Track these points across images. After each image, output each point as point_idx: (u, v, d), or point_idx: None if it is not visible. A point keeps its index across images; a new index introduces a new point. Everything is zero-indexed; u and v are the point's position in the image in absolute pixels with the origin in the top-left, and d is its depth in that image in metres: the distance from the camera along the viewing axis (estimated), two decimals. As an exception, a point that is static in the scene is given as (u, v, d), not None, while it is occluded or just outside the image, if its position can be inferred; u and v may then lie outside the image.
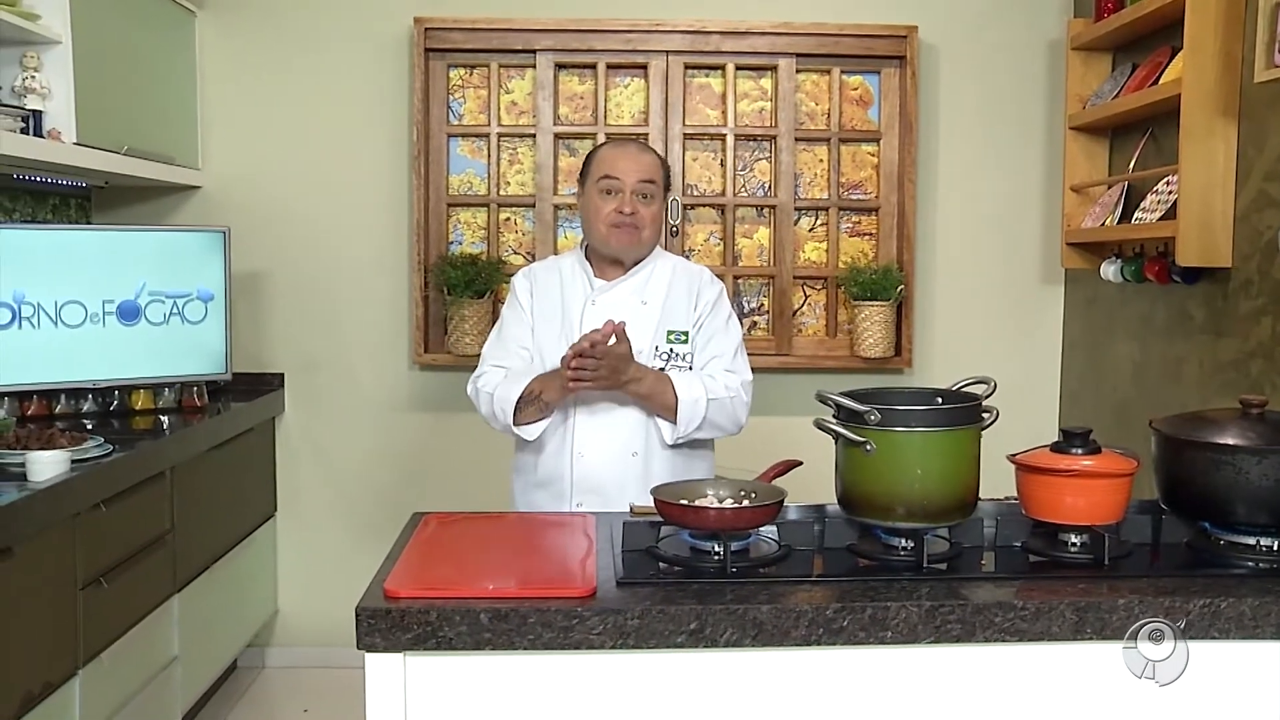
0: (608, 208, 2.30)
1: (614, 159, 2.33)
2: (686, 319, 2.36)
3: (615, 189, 2.30)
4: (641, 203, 2.31)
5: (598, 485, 2.28)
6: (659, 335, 2.33)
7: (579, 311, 2.34)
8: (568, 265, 2.43)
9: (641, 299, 2.35)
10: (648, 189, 2.31)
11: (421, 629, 1.45)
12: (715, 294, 2.40)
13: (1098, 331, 3.54)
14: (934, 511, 1.65)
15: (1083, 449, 1.72)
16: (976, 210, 3.76)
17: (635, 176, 2.30)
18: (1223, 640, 1.51)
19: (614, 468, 2.28)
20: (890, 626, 1.48)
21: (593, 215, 2.33)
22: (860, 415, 1.65)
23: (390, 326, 3.71)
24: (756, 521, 1.71)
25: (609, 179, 2.30)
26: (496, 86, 3.69)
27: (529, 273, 2.45)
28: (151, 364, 3.22)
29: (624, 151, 2.36)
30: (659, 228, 2.38)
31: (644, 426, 2.30)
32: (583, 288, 2.38)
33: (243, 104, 3.64)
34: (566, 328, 2.33)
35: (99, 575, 2.47)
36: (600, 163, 2.34)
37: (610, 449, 2.29)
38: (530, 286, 2.41)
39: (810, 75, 3.74)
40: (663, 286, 2.37)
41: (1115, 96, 3.23)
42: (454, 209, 3.74)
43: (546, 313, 2.37)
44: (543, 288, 2.40)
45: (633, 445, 2.30)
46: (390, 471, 3.72)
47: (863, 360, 3.68)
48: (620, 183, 2.30)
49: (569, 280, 2.40)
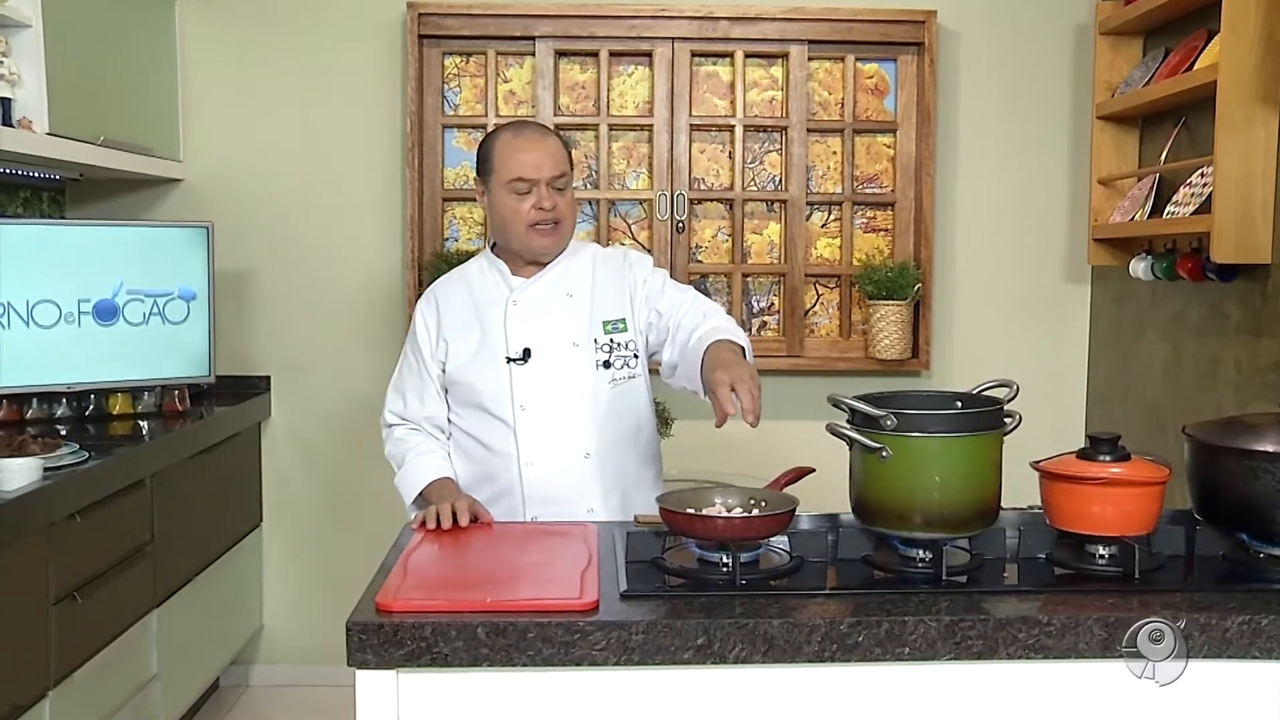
0: (525, 206, 2.25)
1: (520, 153, 2.26)
2: (620, 306, 2.31)
3: (529, 188, 2.25)
4: (558, 195, 2.27)
5: (551, 494, 2.24)
6: (594, 327, 2.28)
7: (500, 313, 2.30)
8: (475, 270, 2.40)
9: (566, 291, 2.30)
10: (561, 180, 2.28)
11: (415, 644, 1.45)
12: (646, 265, 2.36)
13: (1127, 332, 3.54)
14: (953, 521, 1.65)
15: (1111, 456, 1.72)
16: (998, 204, 3.76)
17: (549, 171, 2.25)
18: (1265, 660, 1.51)
19: (567, 473, 2.24)
20: (907, 642, 1.48)
21: (509, 217, 2.27)
22: (875, 420, 1.65)
23: (382, 327, 3.72)
24: (767, 531, 1.71)
25: (521, 180, 2.25)
26: (494, 75, 3.69)
27: (431, 294, 2.41)
28: (130, 366, 3.23)
29: (530, 142, 2.28)
30: (575, 214, 2.37)
31: (594, 424, 2.26)
32: (499, 290, 2.33)
33: (227, 92, 3.65)
34: (488, 339, 2.29)
35: (73, 590, 2.47)
36: (505, 160, 2.27)
37: (561, 453, 2.25)
38: (435, 308, 2.36)
39: (823, 63, 3.74)
40: (586, 275, 2.33)
41: (1146, 83, 3.23)
42: (449, 204, 3.75)
43: (459, 326, 2.33)
44: (450, 304, 2.36)
45: (584, 445, 2.26)
46: (382, 479, 3.69)
47: (878, 362, 3.68)
48: (534, 181, 2.25)
49: (480, 285, 2.36)
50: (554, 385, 2.26)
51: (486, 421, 2.28)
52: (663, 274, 2.38)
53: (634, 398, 2.33)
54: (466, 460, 2.33)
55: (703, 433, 3.51)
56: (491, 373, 2.27)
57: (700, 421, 3.58)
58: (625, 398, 2.31)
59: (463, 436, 2.33)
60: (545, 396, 2.26)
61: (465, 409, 2.32)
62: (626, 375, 2.30)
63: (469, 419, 2.31)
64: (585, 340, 2.28)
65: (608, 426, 2.28)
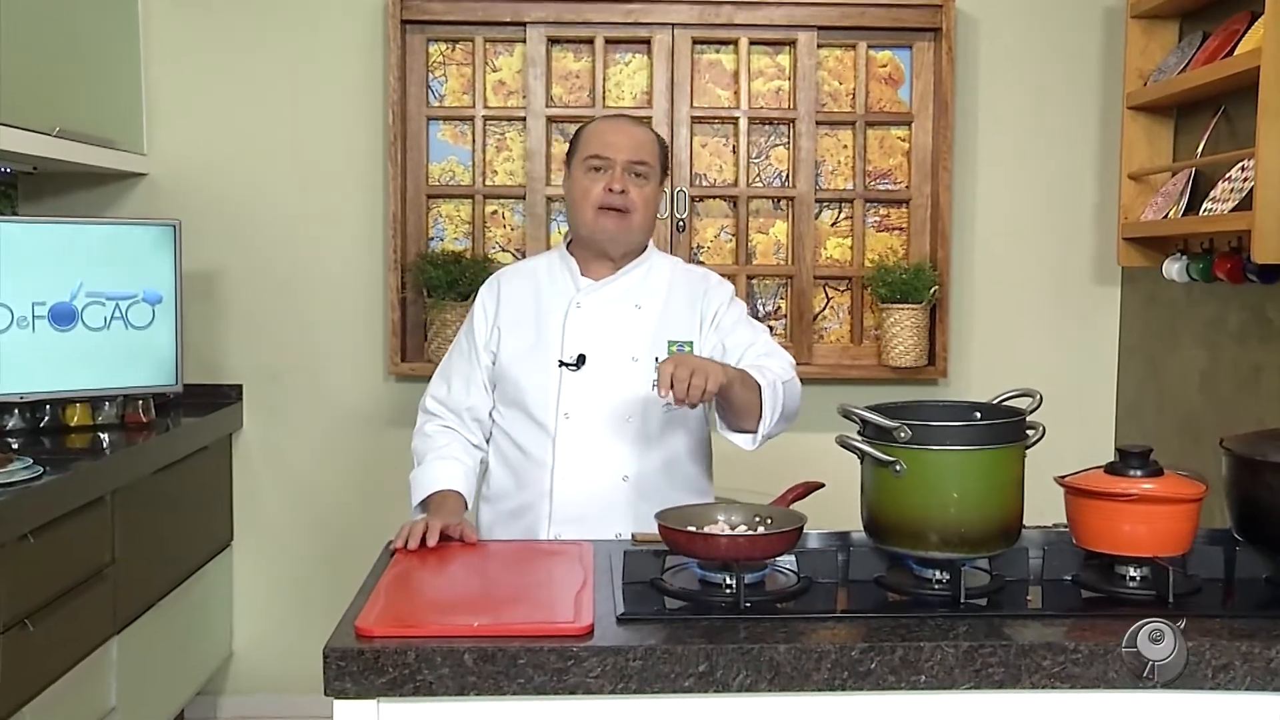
0: (596, 188, 2.28)
1: (603, 133, 2.31)
2: (690, 327, 2.33)
3: (605, 166, 2.28)
4: (633, 182, 2.28)
5: (580, 513, 2.25)
6: (658, 344, 2.30)
7: (561, 316, 2.32)
8: (545, 266, 2.42)
9: (635, 301, 2.33)
10: (641, 168, 2.30)
11: (398, 672, 1.45)
12: (727, 294, 2.39)
13: (1160, 337, 3.55)
14: (972, 540, 1.66)
15: (1143, 470, 1.73)
16: (1021, 201, 3.77)
17: (628, 154, 2.28)
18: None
19: (601, 494, 2.26)
20: (923, 669, 1.49)
21: (579, 198, 2.30)
22: (889, 432, 1.65)
23: (363, 332, 3.72)
24: (773, 550, 1.71)
25: (597, 157, 2.28)
26: (482, 63, 3.70)
27: (495, 280, 2.44)
28: (89, 375, 3.23)
29: (616, 125, 2.34)
30: (653, 215, 2.36)
31: (638, 447, 2.28)
32: (565, 289, 2.36)
33: (195, 80, 3.66)
34: (543, 338, 2.31)
35: (24, 616, 2.45)
36: (589, 139, 2.33)
37: (598, 471, 2.27)
38: (496, 296, 2.40)
39: (833, 50, 3.75)
40: (661, 287, 2.36)
41: (1182, 70, 3.23)
42: (434, 201, 3.76)
43: (517, 322, 2.35)
44: (512, 294, 2.39)
45: (623, 467, 2.27)
46: (363, 495, 3.72)
47: (892, 370, 3.68)
48: (610, 160, 2.28)
49: (548, 282, 2.38)
50: (604, 398, 2.27)
51: (528, 425, 2.30)
52: (741, 307, 2.40)
53: (688, 427, 2.35)
54: (501, 464, 2.35)
55: (705, 446, 3.54)
56: (541, 374, 2.29)
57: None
58: (678, 425, 2.32)
59: (502, 437, 2.35)
60: (593, 408, 2.27)
61: (509, 408, 2.33)
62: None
63: (510, 420, 2.33)
64: (646, 356, 2.28)
65: (653, 451, 2.29)
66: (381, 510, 3.69)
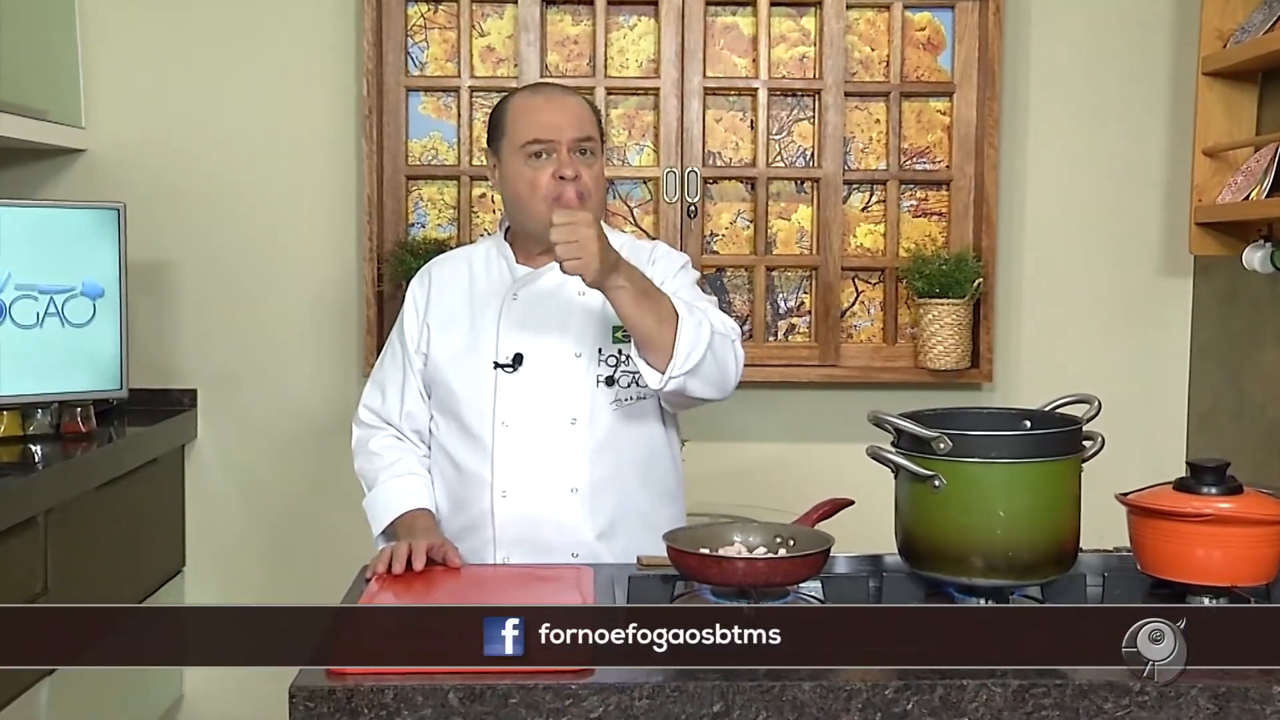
0: (542, 176, 2.26)
1: (537, 111, 2.29)
2: None
3: (547, 151, 2.27)
4: (582, 161, 2.28)
5: (527, 533, 2.26)
6: (603, 333, 2.29)
7: (496, 309, 2.32)
8: (480, 255, 2.43)
9: (578, 288, 2.28)
10: (587, 144, 2.29)
11: (374, 713, 1.46)
12: (676, 262, 2.37)
13: (1239, 336, 3.55)
14: (1021, 565, 1.66)
15: (1218, 488, 1.73)
16: (1078, 182, 3.77)
17: (572, 132, 2.27)
18: None
19: (547, 510, 2.26)
20: (967, 711, 1.49)
21: (523, 189, 2.28)
22: (926, 442, 1.66)
23: (334, 330, 3.73)
24: (796, 576, 1.72)
25: (537, 141, 2.26)
26: (468, 27, 3.71)
27: (426, 271, 2.45)
28: (20, 379, 3.23)
29: (550, 101, 2.32)
30: (604, 193, 2.37)
31: (586, 453, 2.27)
32: (500, 280, 2.36)
33: (140, 45, 3.66)
34: (476, 334, 2.32)
35: (-52, 651, 2.47)
36: (520, 120, 2.30)
37: (541, 485, 2.26)
38: (427, 289, 2.41)
39: (864, 12, 3.76)
40: None
41: (1269, 30, 3.21)
42: (415, 182, 3.76)
43: (448, 319, 2.36)
44: (442, 286, 2.39)
45: (570, 479, 2.27)
46: (332, 515, 3.72)
47: (930, 373, 3.69)
48: (553, 143, 2.26)
49: (481, 272, 2.39)
50: (544, 401, 2.28)
51: (463, 438, 2.31)
52: (692, 275, 2.39)
53: (644, 424, 2.35)
54: (440, 481, 2.36)
55: (719, 458, 3.55)
56: (474, 378, 2.29)
57: (718, 444, 3.62)
58: (632, 423, 2.32)
59: (438, 451, 2.37)
60: (532, 414, 2.27)
61: (444, 417, 2.35)
62: (634, 396, 2.31)
63: (446, 431, 2.34)
64: (590, 350, 2.29)
65: (605, 458, 2.29)
66: (353, 532, 3.69)
